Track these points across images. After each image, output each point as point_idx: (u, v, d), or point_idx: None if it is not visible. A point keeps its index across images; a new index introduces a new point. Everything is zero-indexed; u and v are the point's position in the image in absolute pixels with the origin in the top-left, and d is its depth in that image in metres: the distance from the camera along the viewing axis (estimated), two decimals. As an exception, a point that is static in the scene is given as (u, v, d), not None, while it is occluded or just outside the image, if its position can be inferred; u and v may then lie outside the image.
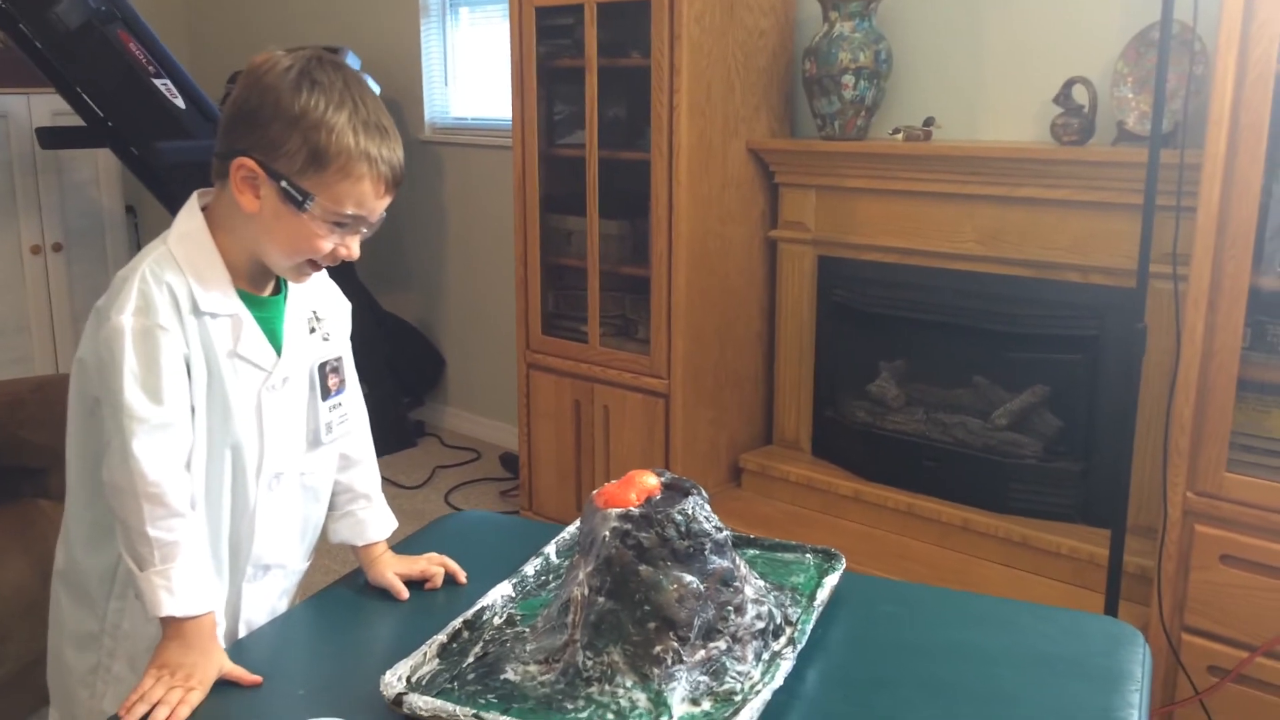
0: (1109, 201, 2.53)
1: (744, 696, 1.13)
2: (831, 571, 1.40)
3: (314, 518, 1.45)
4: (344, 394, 1.44)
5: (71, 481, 1.35)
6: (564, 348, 3.34)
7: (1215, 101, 2.12)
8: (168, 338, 1.23)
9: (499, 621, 1.31)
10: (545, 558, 1.46)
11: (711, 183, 3.02)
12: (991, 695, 1.19)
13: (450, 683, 1.18)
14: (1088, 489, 2.68)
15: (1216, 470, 2.22)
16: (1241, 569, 2.20)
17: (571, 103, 3.38)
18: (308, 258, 1.30)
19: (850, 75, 2.89)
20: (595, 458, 3.29)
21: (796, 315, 3.14)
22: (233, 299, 1.30)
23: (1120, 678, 1.23)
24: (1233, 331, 2.16)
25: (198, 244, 1.29)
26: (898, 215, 2.88)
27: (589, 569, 1.20)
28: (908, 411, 2.97)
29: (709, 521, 1.21)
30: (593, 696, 1.14)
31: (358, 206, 1.27)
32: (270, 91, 1.24)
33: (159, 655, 1.20)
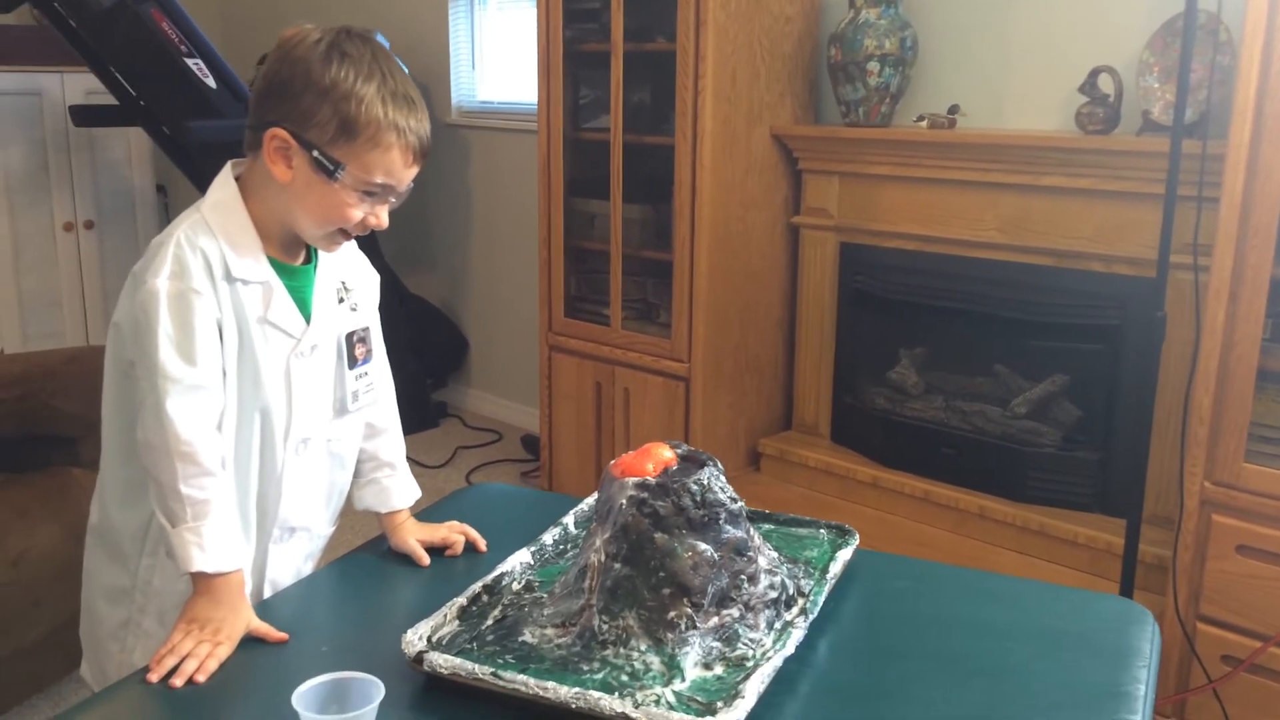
0: (1134, 191, 2.53)
1: (755, 662, 1.16)
2: (845, 546, 1.42)
3: (339, 484, 1.48)
4: (370, 364, 1.47)
5: (107, 441, 1.39)
6: (586, 330, 3.37)
7: (1240, 91, 2.11)
8: (201, 301, 1.26)
9: (518, 587, 1.34)
10: (564, 527, 1.48)
11: (735, 168, 3.04)
12: (1000, 668, 1.21)
13: (470, 643, 1.21)
14: (1106, 479, 2.69)
15: (1235, 460, 2.22)
16: (1258, 559, 2.21)
17: (597, 87, 3.40)
18: (338, 227, 1.33)
19: (875, 62, 2.90)
20: (615, 439, 3.31)
21: (818, 301, 3.16)
22: (264, 266, 1.33)
23: (1129, 654, 1.25)
24: (1254, 322, 2.16)
25: (231, 212, 1.32)
26: (921, 203, 2.89)
27: (606, 536, 1.22)
28: (927, 399, 2.98)
29: (724, 492, 1.24)
30: (608, 659, 1.17)
31: (386, 175, 1.30)
32: (301, 63, 1.27)
33: (188, 610, 1.24)
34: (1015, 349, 2.85)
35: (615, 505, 1.22)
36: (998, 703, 1.14)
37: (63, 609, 2.38)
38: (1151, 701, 1.16)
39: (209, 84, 3.64)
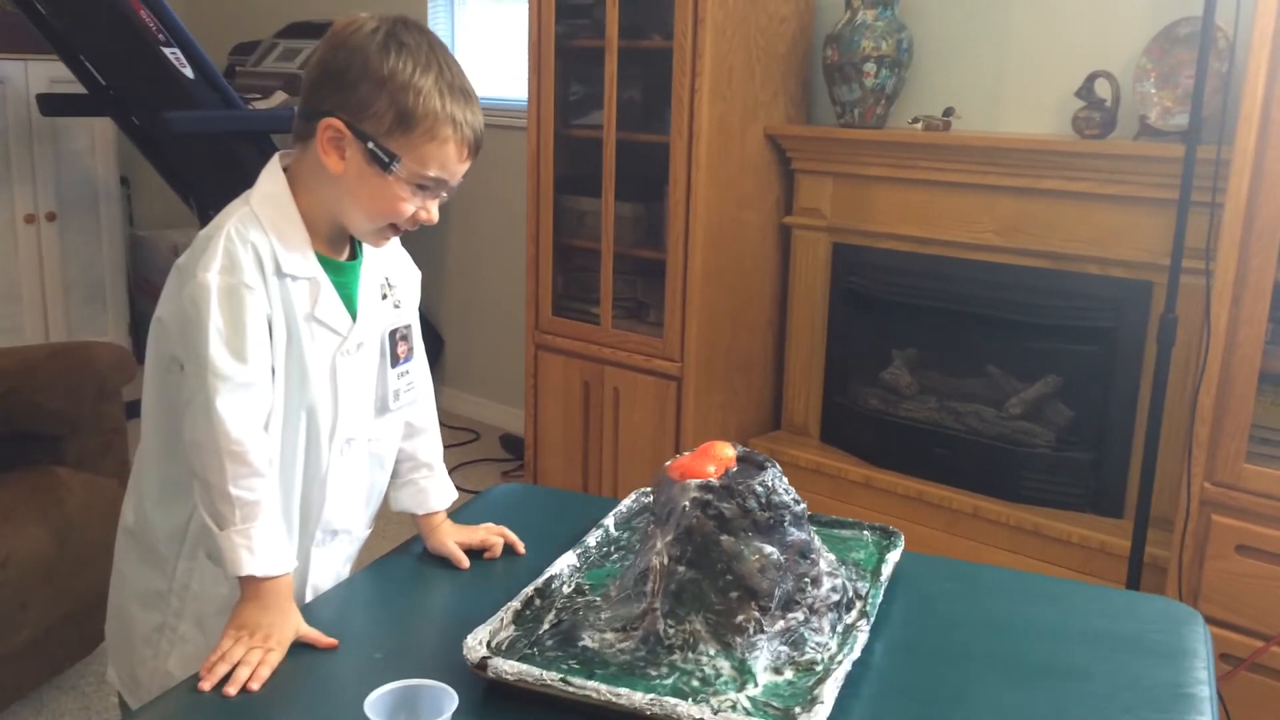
0: (1131, 195, 2.56)
1: (825, 667, 1.15)
2: (892, 548, 1.42)
3: (379, 484, 1.45)
4: (411, 362, 1.44)
5: (146, 438, 1.34)
6: (574, 329, 3.34)
7: (1247, 97, 2.14)
8: (253, 297, 1.22)
9: (568, 590, 1.31)
10: (605, 529, 1.46)
11: (729, 167, 3.03)
12: (1061, 670, 1.21)
13: (530, 648, 1.19)
14: (1099, 479, 2.72)
15: (1235, 461, 2.25)
16: (1257, 559, 2.24)
17: (587, 83, 3.37)
18: (389, 221, 1.30)
19: (872, 63, 2.90)
20: (604, 439, 3.29)
21: (809, 301, 3.16)
22: (312, 262, 1.30)
23: (1185, 655, 1.25)
24: (1257, 325, 2.20)
25: (280, 205, 1.29)
26: (916, 204, 2.90)
27: (668, 539, 1.20)
28: (920, 399, 2.99)
29: (789, 494, 1.22)
30: (676, 664, 1.15)
31: (441, 169, 1.27)
32: (358, 52, 1.24)
33: (237, 616, 1.20)
34: (1009, 350, 2.88)
35: (677, 507, 1.20)
36: (1066, 705, 1.14)
37: (52, 611, 2.31)
38: (1216, 703, 1.17)
39: (186, 74, 3.55)
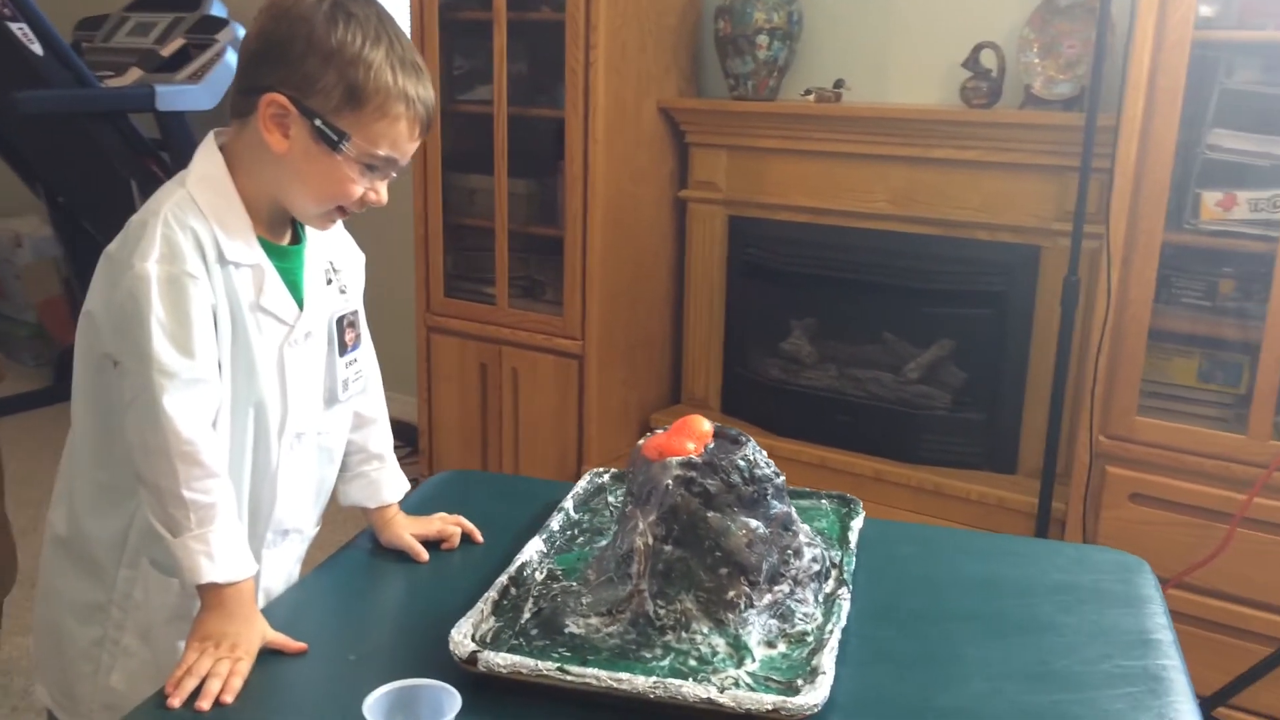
0: (1019, 163, 2.64)
1: (817, 637, 1.15)
2: (854, 515, 1.43)
3: (328, 479, 1.38)
4: (359, 349, 1.37)
5: (77, 443, 1.25)
6: (468, 310, 3.27)
7: (1134, 66, 2.24)
8: (197, 286, 1.15)
9: (541, 577, 1.28)
10: (565, 513, 1.43)
11: (625, 142, 3.00)
12: (1033, 624, 1.24)
13: (516, 639, 1.15)
14: (993, 437, 2.81)
15: (1128, 414, 2.37)
16: (1150, 506, 2.36)
17: (473, 57, 3.29)
18: (337, 203, 1.23)
19: (765, 35, 2.92)
20: (504, 421, 3.24)
21: (707, 274, 3.17)
22: (255, 248, 1.23)
23: (1142, 601, 1.31)
24: (1146, 284, 2.31)
25: (219, 188, 1.21)
26: (810, 175, 2.93)
27: (651, 518, 1.18)
28: (821, 368, 3.04)
29: (769, 467, 1.22)
30: (670, 645, 1.13)
31: (392, 148, 1.21)
32: (303, 23, 1.16)
33: (200, 626, 1.13)
34: (905, 316, 2.95)
35: (659, 486, 1.19)
36: (1048, 657, 1.17)
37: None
38: (1178, 645, 1.22)
39: (35, 50, 3.31)
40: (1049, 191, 2.61)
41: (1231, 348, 2.37)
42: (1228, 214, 2.29)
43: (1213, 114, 2.30)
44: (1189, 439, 2.31)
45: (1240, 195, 2.27)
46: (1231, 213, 2.29)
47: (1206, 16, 2.22)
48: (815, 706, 1.03)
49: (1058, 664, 1.16)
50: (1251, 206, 2.27)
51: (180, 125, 3.68)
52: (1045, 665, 1.16)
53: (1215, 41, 2.25)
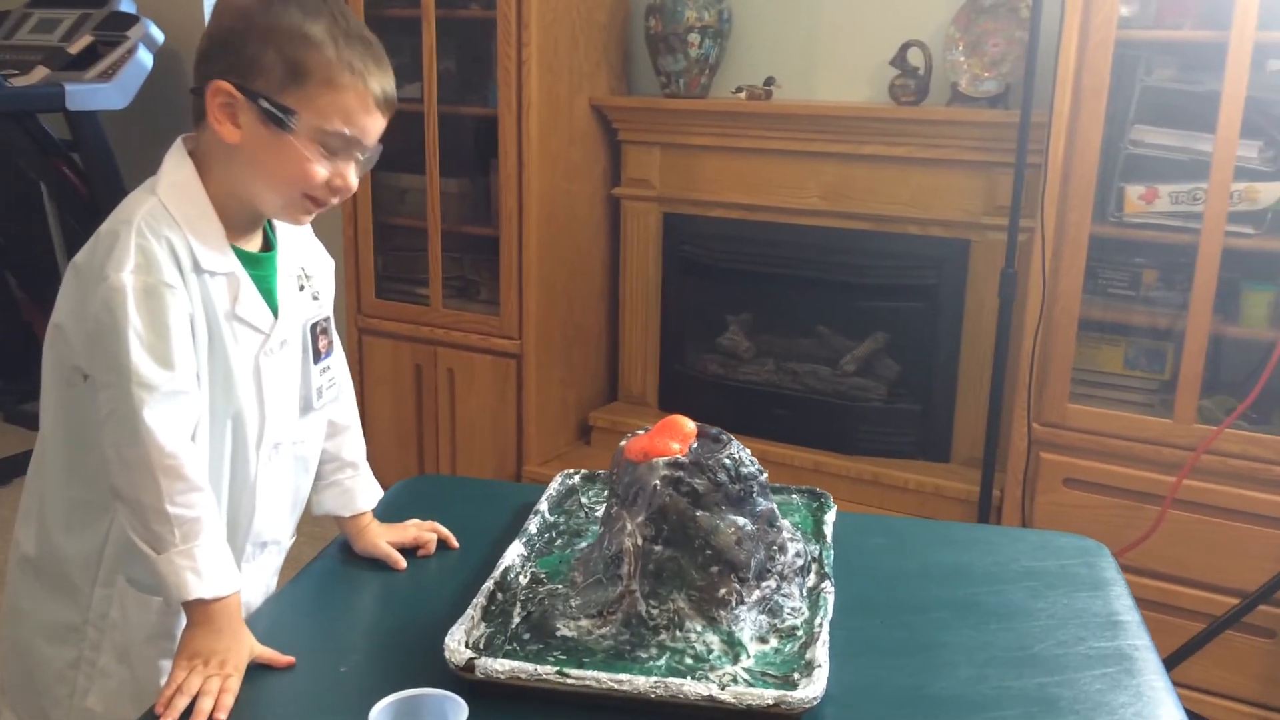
0: (946, 158, 2.71)
1: (807, 631, 1.17)
2: (826, 509, 1.46)
3: (304, 489, 1.36)
4: (332, 356, 1.35)
5: (46, 459, 1.20)
6: (401, 311, 3.23)
7: (1061, 65, 2.31)
8: (174, 295, 1.11)
9: (525, 581, 1.28)
10: (541, 515, 1.43)
11: (559, 139, 3.00)
12: (1008, 610, 1.28)
13: (509, 644, 1.15)
14: (927, 427, 2.88)
15: (1060, 402, 2.44)
16: (1083, 490, 2.45)
17: (399, 55, 3.24)
18: (302, 191, 1.18)
19: (696, 34, 2.94)
20: (440, 422, 3.21)
21: (642, 272, 3.18)
22: (230, 256, 1.20)
23: (1106, 584, 1.36)
24: (1075, 276, 2.39)
25: (190, 194, 1.17)
26: (743, 172, 2.96)
27: (639, 519, 1.19)
28: (758, 362, 3.08)
29: (754, 464, 1.23)
30: (664, 644, 1.14)
31: (345, 123, 1.16)
32: (241, 11, 1.15)
33: (187, 644, 1.10)
34: (839, 310, 3.00)
35: (647, 487, 1.19)
36: (1026, 641, 1.21)
37: None
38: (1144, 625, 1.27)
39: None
40: (977, 186, 2.69)
41: (1155, 335, 2.47)
42: (1150, 207, 2.38)
43: (1134, 110, 2.39)
44: (1119, 424, 2.39)
45: (1161, 189, 2.36)
46: (1153, 206, 2.38)
47: (1125, 16, 2.30)
48: (815, 699, 1.05)
49: (1036, 648, 1.20)
50: (1172, 199, 2.36)
51: (92, 126, 3.56)
52: (1025, 650, 1.20)
53: (1136, 40, 2.33)
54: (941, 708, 1.09)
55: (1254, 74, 2.17)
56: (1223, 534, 2.30)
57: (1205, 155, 2.26)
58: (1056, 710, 1.09)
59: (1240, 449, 2.26)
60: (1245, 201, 2.27)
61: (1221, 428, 2.22)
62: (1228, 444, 2.26)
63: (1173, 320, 2.42)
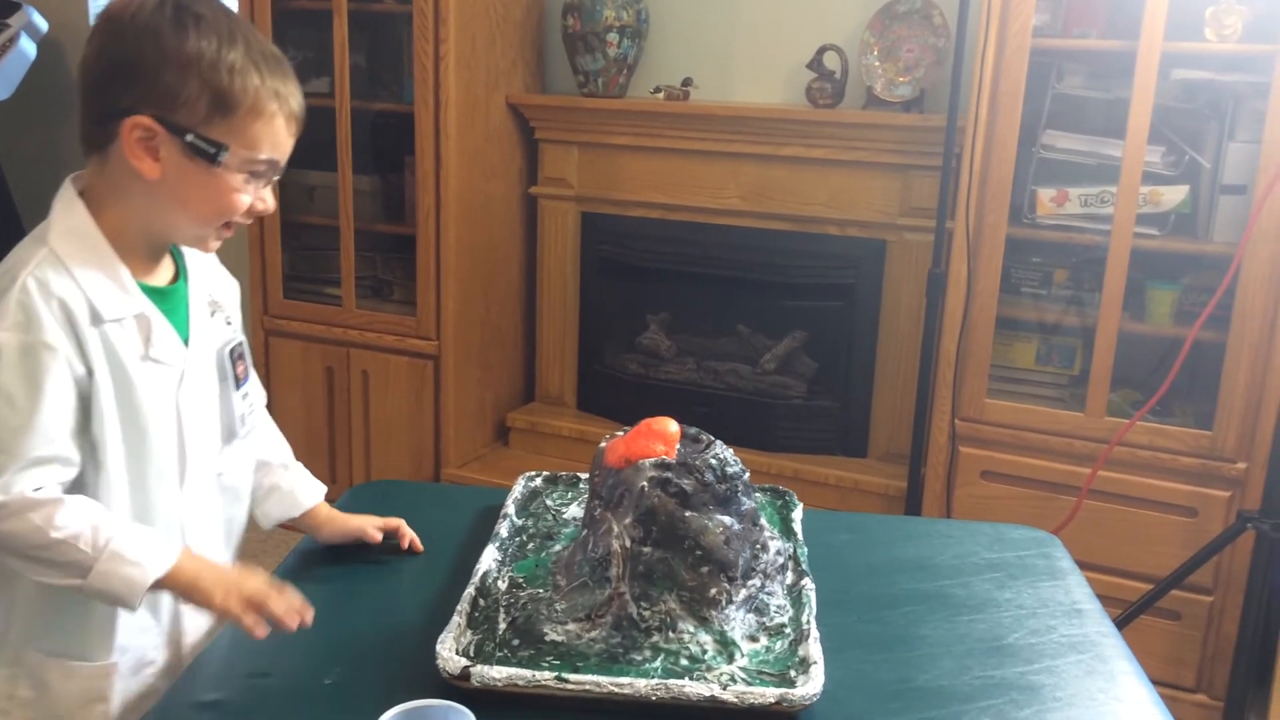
0: (863, 160, 2.77)
1: (795, 628, 1.18)
2: (792, 507, 1.47)
3: (238, 519, 1.31)
4: (250, 380, 1.31)
5: None
6: (311, 311, 3.14)
7: (977, 71, 2.38)
8: (55, 358, 1.06)
9: (505, 586, 1.26)
10: (510, 519, 1.41)
11: (476, 137, 2.96)
12: (978, 601, 1.32)
13: (500, 650, 1.13)
14: (845, 424, 2.94)
15: (978, 397, 2.52)
16: (1000, 482, 2.53)
17: (304, 48, 3.16)
18: (224, 219, 1.15)
19: (615, 33, 2.94)
20: (353, 424, 3.13)
21: (560, 271, 3.16)
22: (136, 296, 1.14)
23: (1063, 574, 1.40)
24: (992, 275, 2.47)
25: (86, 240, 1.12)
26: (663, 172, 2.98)
27: (627, 521, 1.18)
28: (679, 361, 3.09)
29: (737, 464, 1.24)
30: (658, 645, 1.14)
31: (273, 149, 1.13)
32: (149, 35, 1.08)
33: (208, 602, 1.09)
34: (758, 309, 3.04)
35: (634, 488, 1.18)
36: (1002, 632, 1.25)
37: None
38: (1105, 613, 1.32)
39: None
40: (893, 188, 2.75)
41: (1066, 332, 2.57)
42: (1061, 209, 2.48)
43: (1046, 116, 2.48)
44: (1033, 418, 2.48)
45: (1072, 191, 2.46)
46: (1064, 208, 2.47)
47: (1037, 25, 2.39)
48: (814, 696, 1.06)
49: (1010, 638, 1.24)
50: (1082, 202, 2.46)
51: (-29, 117, 3.37)
52: (1000, 640, 1.23)
53: (1047, 49, 2.42)
54: (930, 699, 1.12)
55: (1160, 82, 2.28)
56: (1132, 522, 2.41)
57: (1113, 160, 2.37)
58: (1039, 698, 1.12)
59: (1148, 440, 2.37)
60: (1150, 204, 2.38)
61: (1135, 418, 2.32)
62: (1135, 436, 2.37)
63: (1082, 317, 2.52)
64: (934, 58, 2.74)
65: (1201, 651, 2.40)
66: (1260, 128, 2.22)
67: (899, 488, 2.73)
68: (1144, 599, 2.27)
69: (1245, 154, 2.30)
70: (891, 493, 2.77)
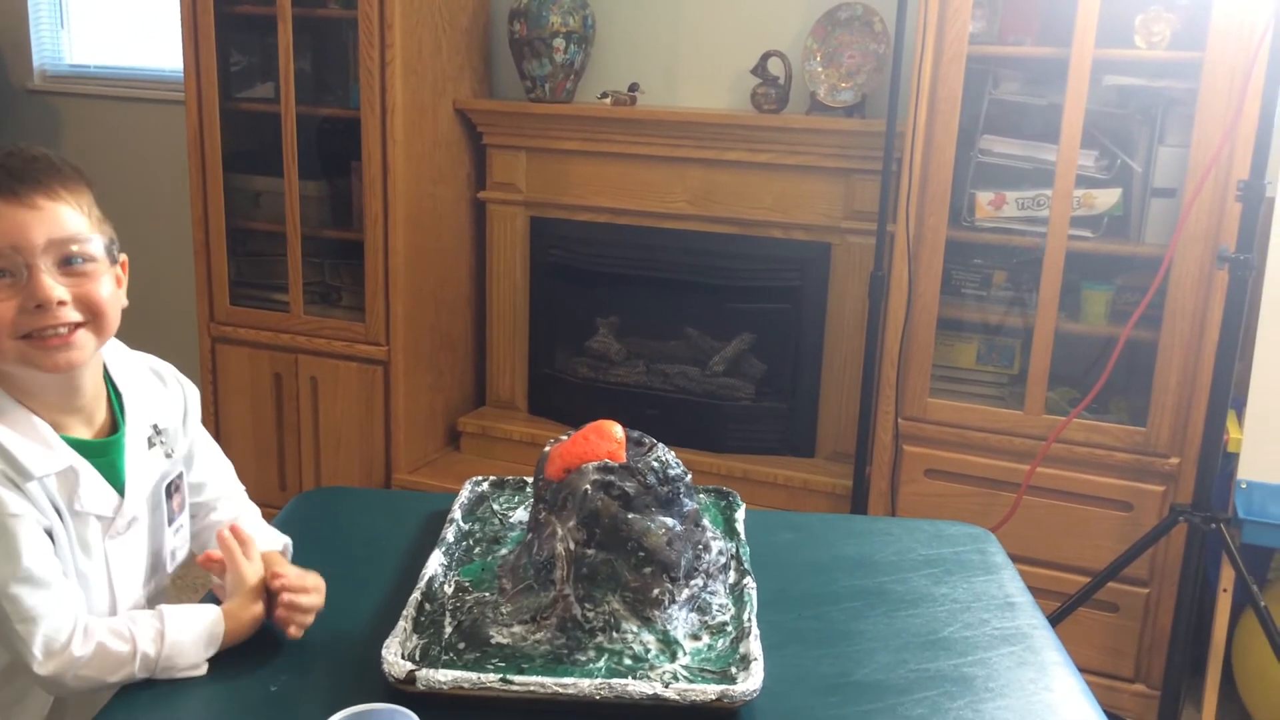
0: (808, 165, 2.81)
1: (736, 626, 1.21)
2: (736, 507, 1.50)
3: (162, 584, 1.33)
4: (184, 514, 1.30)
5: None
6: (258, 318, 3.12)
7: (915, 77, 2.43)
8: (24, 524, 1.08)
9: (451, 590, 1.27)
10: (455, 524, 1.42)
11: (424, 142, 2.96)
12: (915, 596, 1.35)
13: (445, 654, 1.15)
14: (792, 424, 2.98)
15: (921, 397, 2.57)
16: (943, 479, 2.58)
17: (250, 53, 3.14)
18: (11, 337, 1.09)
19: (561, 39, 2.95)
20: (302, 432, 3.12)
21: (509, 276, 3.17)
22: (60, 450, 1.14)
23: (996, 569, 1.45)
24: (933, 277, 2.51)
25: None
26: (611, 177, 3.00)
27: (570, 524, 1.20)
28: (629, 364, 3.11)
29: (678, 466, 1.26)
30: (602, 646, 1.16)
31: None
32: None
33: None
34: (707, 312, 3.07)
35: (577, 491, 1.20)
36: (937, 626, 1.28)
37: None
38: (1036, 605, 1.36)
39: None
40: (836, 192, 2.79)
41: (1005, 333, 2.62)
42: (998, 212, 2.53)
43: (983, 121, 2.54)
44: (974, 416, 2.54)
45: (1009, 195, 2.52)
46: (1002, 211, 2.53)
47: (974, 32, 2.44)
48: (754, 692, 1.09)
49: (945, 631, 1.27)
50: (1018, 205, 2.52)
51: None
52: (935, 634, 1.27)
53: (983, 55, 2.47)
54: (867, 693, 1.15)
55: (1092, 88, 2.34)
56: (1070, 517, 2.47)
57: (1048, 164, 2.42)
58: (972, 689, 1.16)
59: (1084, 436, 2.43)
60: (1084, 207, 2.44)
61: (1071, 416, 2.38)
62: (1072, 432, 2.43)
63: (1020, 318, 2.58)
64: (875, 64, 2.78)
65: (1139, 642, 2.46)
66: (1189, 132, 2.29)
67: (846, 486, 2.78)
68: (1081, 592, 2.33)
69: (1175, 158, 2.37)
70: (839, 491, 2.81)
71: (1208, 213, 2.27)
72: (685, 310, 3.10)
